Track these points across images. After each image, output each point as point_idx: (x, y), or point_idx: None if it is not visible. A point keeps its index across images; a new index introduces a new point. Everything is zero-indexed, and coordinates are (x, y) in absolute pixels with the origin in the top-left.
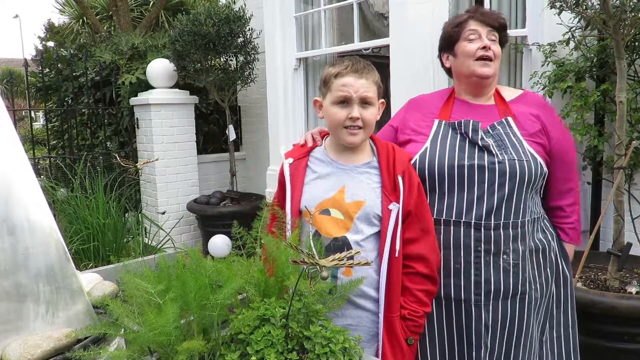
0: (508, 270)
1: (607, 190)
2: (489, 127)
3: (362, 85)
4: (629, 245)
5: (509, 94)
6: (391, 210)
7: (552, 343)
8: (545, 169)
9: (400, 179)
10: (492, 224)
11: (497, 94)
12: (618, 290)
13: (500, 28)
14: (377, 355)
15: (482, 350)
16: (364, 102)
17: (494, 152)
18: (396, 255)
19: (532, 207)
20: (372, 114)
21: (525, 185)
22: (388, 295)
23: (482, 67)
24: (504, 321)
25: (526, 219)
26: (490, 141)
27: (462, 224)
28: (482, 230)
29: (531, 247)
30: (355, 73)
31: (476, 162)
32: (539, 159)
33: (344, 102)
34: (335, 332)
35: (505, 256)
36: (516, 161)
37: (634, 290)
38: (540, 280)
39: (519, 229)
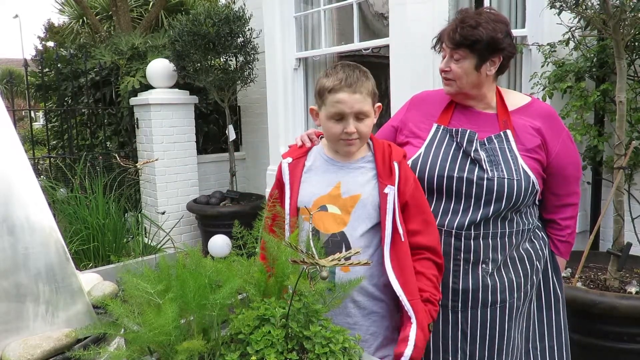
0: (486, 279)
1: (607, 190)
2: (485, 140)
3: (357, 100)
4: (629, 245)
5: (515, 101)
6: (387, 193)
7: (544, 353)
8: (537, 187)
9: (396, 164)
10: (473, 234)
11: (501, 100)
12: (618, 290)
13: (463, 44)
14: (402, 352)
15: (459, 355)
16: (359, 116)
17: (484, 167)
18: (402, 239)
19: (518, 220)
20: (368, 125)
21: (512, 204)
22: (404, 280)
23: (445, 85)
24: (484, 328)
25: (512, 230)
26: (482, 155)
27: (442, 232)
28: (462, 239)
29: (513, 256)
30: (349, 88)
31: (465, 175)
32: (532, 177)
33: (339, 117)
34: (335, 332)
35: (484, 265)
36: (506, 180)
37: (633, 290)
38: (525, 288)
39: (499, 239)
